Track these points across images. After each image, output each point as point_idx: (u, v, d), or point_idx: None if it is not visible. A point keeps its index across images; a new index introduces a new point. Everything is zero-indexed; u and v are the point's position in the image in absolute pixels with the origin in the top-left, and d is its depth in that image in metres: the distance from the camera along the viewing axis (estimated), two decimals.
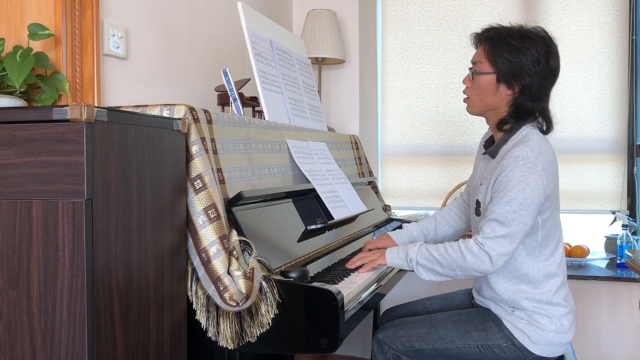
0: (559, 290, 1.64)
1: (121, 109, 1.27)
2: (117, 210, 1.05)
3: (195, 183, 1.28)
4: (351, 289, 1.47)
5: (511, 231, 1.52)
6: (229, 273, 1.27)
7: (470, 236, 1.66)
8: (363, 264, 1.70)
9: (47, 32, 1.51)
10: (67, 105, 0.97)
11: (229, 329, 1.25)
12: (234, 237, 1.32)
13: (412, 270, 1.66)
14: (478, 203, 1.70)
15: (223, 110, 2.03)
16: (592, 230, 3.06)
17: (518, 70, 1.60)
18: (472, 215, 1.78)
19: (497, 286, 1.66)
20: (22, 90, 1.46)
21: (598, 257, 2.87)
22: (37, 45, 1.55)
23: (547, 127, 1.68)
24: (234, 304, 1.24)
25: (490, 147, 1.72)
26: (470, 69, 1.71)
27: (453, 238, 1.99)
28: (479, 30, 1.70)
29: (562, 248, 1.70)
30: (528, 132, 1.63)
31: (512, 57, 1.60)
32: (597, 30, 3.00)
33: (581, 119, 3.03)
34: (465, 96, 1.73)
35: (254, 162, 1.59)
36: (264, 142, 1.69)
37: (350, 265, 1.69)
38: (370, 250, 1.82)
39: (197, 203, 1.28)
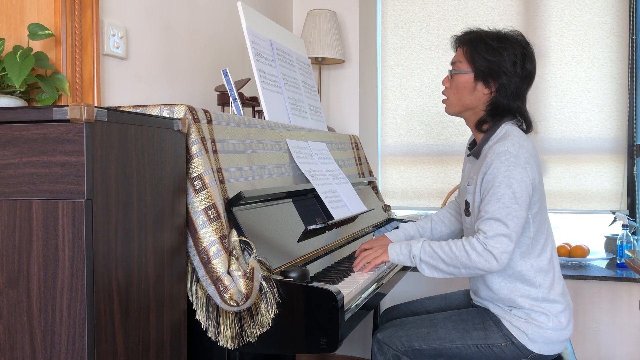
0: (553, 286, 1.65)
1: (121, 109, 1.27)
2: (117, 210, 1.05)
3: (195, 183, 1.28)
4: (351, 288, 1.47)
5: (509, 228, 1.53)
6: (229, 273, 1.27)
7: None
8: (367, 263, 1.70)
9: (47, 32, 1.51)
10: (67, 105, 0.97)
11: (229, 329, 1.25)
12: (234, 237, 1.32)
13: (415, 267, 1.67)
14: (467, 203, 1.71)
15: (223, 110, 2.03)
16: (592, 230, 3.07)
17: (495, 69, 1.65)
18: (462, 216, 1.80)
19: (493, 285, 1.66)
20: (22, 90, 1.46)
21: (598, 257, 2.87)
22: (37, 45, 1.55)
23: (526, 126, 1.72)
24: (234, 304, 1.24)
25: (474, 148, 1.74)
26: (449, 70, 1.75)
27: (449, 238, 1.99)
28: (459, 34, 1.75)
29: (553, 243, 1.71)
30: (508, 129, 1.66)
31: (490, 56, 1.65)
32: (597, 30, 3.00)
33: (581, 119, 3.03)
34: (444, 97, 1.77)
35: (254, 162, 1.59)
36: (264, 142, 1.69)
37: (356, 267, 1.69)
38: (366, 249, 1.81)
39: (197, 203, 1.28)
